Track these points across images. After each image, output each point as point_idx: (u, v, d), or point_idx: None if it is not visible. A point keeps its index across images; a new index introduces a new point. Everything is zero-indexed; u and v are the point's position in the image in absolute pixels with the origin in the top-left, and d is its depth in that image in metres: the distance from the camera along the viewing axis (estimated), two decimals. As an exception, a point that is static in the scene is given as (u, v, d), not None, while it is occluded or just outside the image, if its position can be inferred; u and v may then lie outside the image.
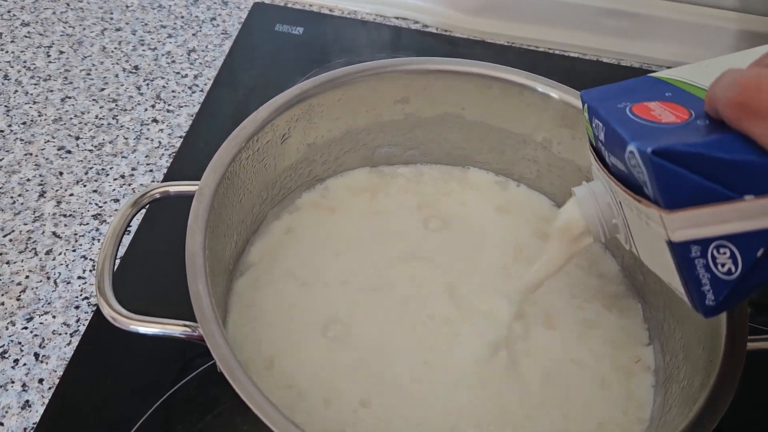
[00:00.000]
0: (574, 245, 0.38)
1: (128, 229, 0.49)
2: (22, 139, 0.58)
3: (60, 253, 0.50)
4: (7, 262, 0.49)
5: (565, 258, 0.40)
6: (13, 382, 0.43)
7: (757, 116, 0.24)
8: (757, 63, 0.27)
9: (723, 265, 0.26)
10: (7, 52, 0.66)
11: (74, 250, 0.51)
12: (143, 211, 0.51)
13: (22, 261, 0.50)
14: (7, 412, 0.42)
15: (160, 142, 0.59)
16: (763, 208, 0.24)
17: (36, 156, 0.57)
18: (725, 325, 0.36)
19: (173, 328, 0.36)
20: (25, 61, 0.65)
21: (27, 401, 0.43)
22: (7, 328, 0.46)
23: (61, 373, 0.44)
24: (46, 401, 0.42)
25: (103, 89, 0.63)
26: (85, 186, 0.55)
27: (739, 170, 0.24)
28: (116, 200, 0.54)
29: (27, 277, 0.49)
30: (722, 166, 0.24)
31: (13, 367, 0.44)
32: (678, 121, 0.27)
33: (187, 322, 0.35)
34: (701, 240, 0.26)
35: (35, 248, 0.50)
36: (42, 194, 0.54)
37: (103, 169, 0.56)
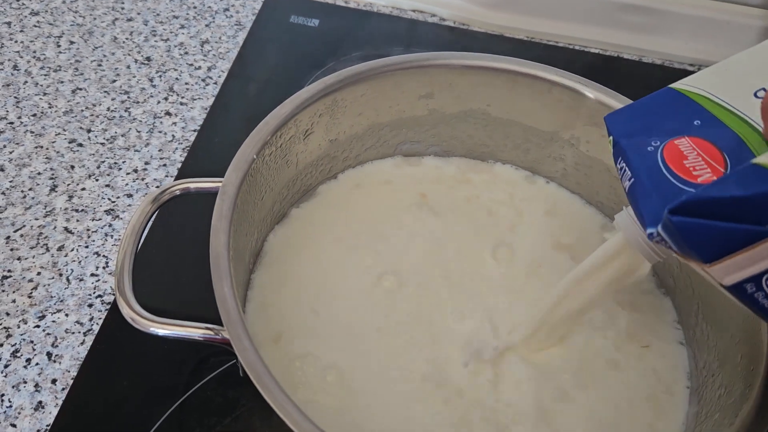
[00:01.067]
0: (626, 278, 0.35)
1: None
2: (32, 132, 0.57)
3: (72, 249, 0.49)
4: (19, 258, 0.48)
5: (610, 291, 0.36)
6: (25, 383, 0.42)
7: None
8: None
9: None
10: (16, 41, 0.65)
11: (87, 246, 0.49)
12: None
13: (33, 257, 0.48)
14: (19, 413, 0.41)
15: (173, 136, 0.57)
16: None
17: (47, 149, 0.55)
18: (766, 331, 0.34)
19: (195, 331, 0.34)
20: (34, 51, 0.64)
21: (40, 402, 0.41)
22: (18, 326, 0.45)
23: (75, 373, 0.43)
24: (60, 402, 0.41)
25: (114, 81, 0.62)
26: (97, 180, 0.54)
27: (763, 203, 0.24)
28: (129, 195, 0.53)
29: (39, 273, 0.47)
30: (745, 204, 0.24)
31: (25, 367, 0.43)
32: (714, 179, 0.27)
33: (210, 325, 0.34)
34: (752, 277, 0.26)
35: (47, 244, 0.49)
36: (53, 188, 0.53)
37: (115, 163, 0.55)
